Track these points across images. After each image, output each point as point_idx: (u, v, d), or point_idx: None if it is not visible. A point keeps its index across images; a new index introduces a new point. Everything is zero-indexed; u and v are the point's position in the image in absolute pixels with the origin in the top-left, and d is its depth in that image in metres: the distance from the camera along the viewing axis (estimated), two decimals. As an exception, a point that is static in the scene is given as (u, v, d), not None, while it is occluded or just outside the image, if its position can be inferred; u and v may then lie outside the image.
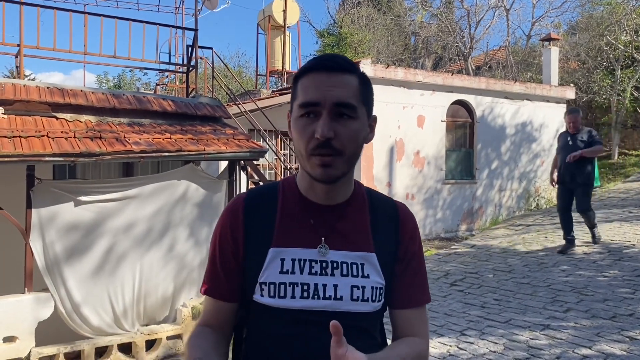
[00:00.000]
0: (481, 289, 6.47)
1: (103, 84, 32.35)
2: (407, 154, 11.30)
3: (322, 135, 1.05)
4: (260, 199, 1.22)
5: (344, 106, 1.08)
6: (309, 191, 1.20)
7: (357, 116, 1.10)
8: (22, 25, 6.79)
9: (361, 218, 1.21)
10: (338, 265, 1.16)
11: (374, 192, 1.30)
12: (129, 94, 7.30)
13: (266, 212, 1.19)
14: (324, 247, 1.16)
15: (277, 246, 1.15)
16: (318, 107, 1.07)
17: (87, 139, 5.80)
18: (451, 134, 12.16)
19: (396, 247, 1.23)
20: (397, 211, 1.27)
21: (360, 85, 1.12)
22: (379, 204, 1.26)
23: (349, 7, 23.27)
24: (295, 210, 1.19)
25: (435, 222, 11.72)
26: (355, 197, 1.23)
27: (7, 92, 6.14)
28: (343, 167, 1.10)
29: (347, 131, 1.08)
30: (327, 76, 1.09)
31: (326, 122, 1.06)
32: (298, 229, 1.17)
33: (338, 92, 1.07)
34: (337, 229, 1.18)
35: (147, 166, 7.32)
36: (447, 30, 22.08)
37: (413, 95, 11.32)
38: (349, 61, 1.14)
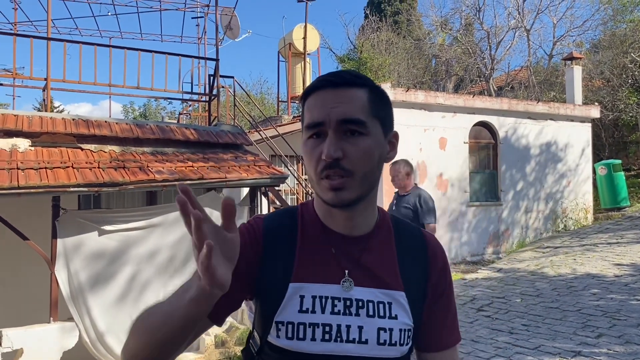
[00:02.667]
0: (509, 314, 6.31)
1: (129, 113, 33.10)
2: (430, 177, 11.21)
3: (327, 156, 0.97)
4: (280, 224, 1.11)
5: (351, 122, 0.99)
6: (328, 219, 1.09)
7: (369, 132, 1.00)
8: (49, 60, 7.00)
9: (388, 251, 1.10)
10: (363, 304, 1.04)
11: (400, 221, 1.19)
12: (152, 124, 7.43)
13: (285, 239, 1.08)
14: (348, 281, 1.05)
15: (298, 281, 1.03)
16: (323, 127, 1.00)
17: (110, 169, 5.89)
18: (474, 155, 12.04)
19: (425, 283, 1.12)
20: (426, 243, 1.16)
21: (371, 99, 1.03)
22: (406, 235, 1.15)
23: (368, 32, 23.44)
24: (316, 239, 1.08)
25: (460, 245, 11.55)
26: (380, 227, 1.12)
27: (35, 125, 6.30)
28: (357, 189, 1.00)
29: (357, 149, 0.99)
30: (332, 93, 1.01)
31: (332, 142, 0.98)
32: (319, 261, 1.06)
33: (343, 108, 0.99)
34: (362, 262, 1.07)
35: (170, 194, 7.39)
36: (467, 52, 22.06)
37: (434, 118, 11.27)
38: (357, 74, 1.05)
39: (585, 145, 13.51)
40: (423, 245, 1.15)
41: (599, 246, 9.54)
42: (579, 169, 13.38)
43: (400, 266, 1.09)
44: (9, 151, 5.92)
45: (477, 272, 9.20)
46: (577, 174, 13.34)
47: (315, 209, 1.12)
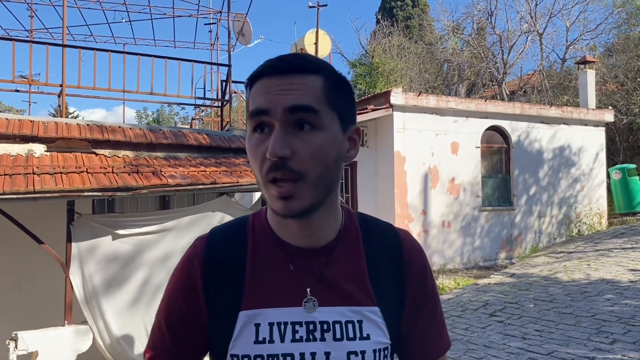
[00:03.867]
0: (522, 320, 6.27)
1: (142, 119, 33.42)
2: (442, 181, 11.18)
3: (272, 154, 0.81)
4: (225, 245, 0.96)
5: (301, 109, 0.82)
6: (282, 230, 0.94)
7: (323, 125, 0.84)
8: (64, 67, 7.10)
9: (355, 261, 0.96)
10: (329, 326, 0.90)
11: (371, 221, 1.03)
12: (165, 129, 7.50)
13: (233, 262, 0.94)
14: (311, 301, 0.91)
15: (250, 308, 0.90)
16: (269, 117, 0.84)
17: (124, 174, 5.95)
18: (486, 160, 12.00)
19: (403, 292, 0.97)
20: (401, 244, 1.00)
21: (327, 87, 0.86)
22: (377, 237, 1.00)
23: (380, 37, 23.48)
24: (270, 255, 0.93)
25: (473, 250, 11.49)
26: (346, 233, 0.97)
27: (50, 131, 6.39)
28: (310, 195, 0.84)
29: (309, 146, 0.83)
30: (279, 79, 0.84)
31: (278, 136, 0.82)
32: (275, 282, 0.92)
33: (292, 95, 0.83)
34: (325, 277, 0.92)
35: (182, 198, 7.45)
36: (479, 57, 22.01)
37: (446, 122, 11.26)
38: (309, 58, 0.89)
39: (599, 149, 13.40)
40: (398, 247, 1.00)
41: (614, 251, 9.45)
42: (592, 173, 13.27)
43: (371, 277, 0.95)
44: (25, 156, 6.01)
45: (489, 277, 9.15)
46: (591, 179, 13.23)
47: (267, 219, 0.97)
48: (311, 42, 15.84)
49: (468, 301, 7.39)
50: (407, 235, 1.04)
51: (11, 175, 5.42)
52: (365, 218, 1.03)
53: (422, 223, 10.87)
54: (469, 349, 5.42)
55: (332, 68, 0.91)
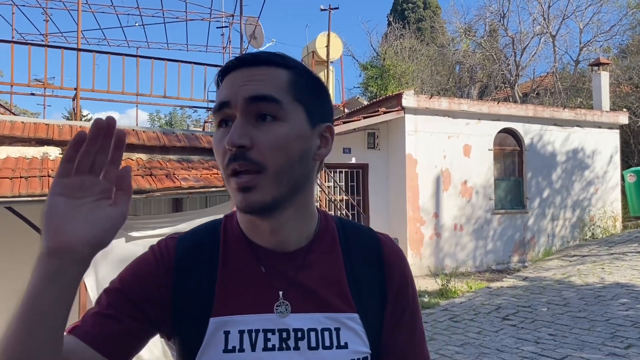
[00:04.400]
0: (535, 324, 6.23)
1: (155, 121, 33.63)
2: (454, 184, 11.14)
3: (229, 143, 0.78)
4: (196, 244, 0.90)
5: (262, 99, 0.79)
6: (253, 232, 0.89)
7: (285, 117, 0.81)
8: (79, 70, 7.19)
9: (332, 265, 0.90)
10: (304, 334, 0.84)
11: (348, 224, 0.98)
12: (178, 132, 7.55)
13: (204, 263, 0.88)
14: (284, 305, 0.85)
15: (220, 314, 0.84)
16: (230, 110, 0.81)
17: (138, 177, 6.01)
18: (499, 162, 11.94)
19: (383, 298, 0.92)
20: (381, 248, 0.95)
21: (293, 80, 0.84)
22: (356, 241, 0.95)
23: (391, 40, 23.45)
24: (241, 258, 0.88)
25: (485, 253, 11.43)
26: (322, 236, 0.92)
27: (65, 134, 6.47)
28: (271, 188, 0.80)
29: (269, 137, 0.79)
30: (244, 72, 0.83)
31: (237, 126, 0.79)
32: (246, 286, 0.86)
33: (253, 85, 0.80)
34: (299, 281, 0.87)
35: (195, 201, 7.49)
36: (492, 59, 21.90)
37: (458, 125, 11.22)
38: (280, 54, 0.86)
39: (614, 152, 13.27)
40: (378, 251, 0.95)
41: (628, 255, 9.35)
42: (607, 176, 13.14)
43: (349, 281, 0.89)
44: (41, 159, 6.08)
45: (502, 280, 9.09)
46: (605, 182, 13.11)
47: (238, 221, 0.92)
48: (323, 44, 15.86)
49: (481, 305, 7.35)
50: (387, 240, 0.98)
51: (27, 177, 5.50)
52: (343, 222, 0.98)
53: (434, 226, 10.83)
54: (481, 352, 5.40)
55: (303, 65, 0.89)
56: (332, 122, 0.92)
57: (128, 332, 0.83)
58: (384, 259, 0.94)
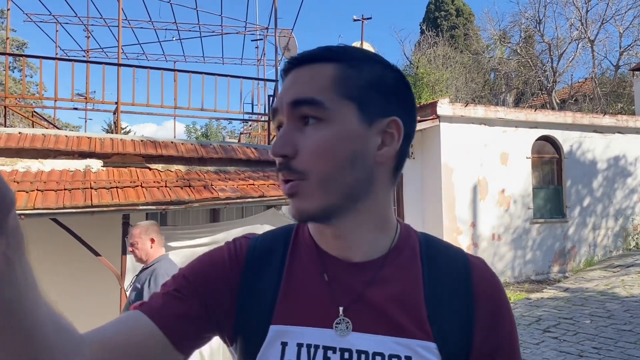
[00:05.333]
0: (577, 336, 6.06)
1: (191, 133, 34.26)
2: (492, 193, 10.97)
3: (273, 153, 0.75)
4: (268, 247, 0.86)
5: (302, 103, 0.74)
6: (321, 239, 0.83)
7: (330, 117, 0.74)
8: (119, 85, 7.39)
9: (409, 282, 0.79)
10: (368, 357, 0.75)
11: (434, 241, 0.87)
12: (215, 144, 7.68)
13: (272, 267, 0.83)
14: (344, 323, 0.76)
15: (280, 322, 0.78)
16: (280, 116, 0.78)
17: (177, 188, 6.12)
18: (537, 170, 11.70)
19: (469, 331, 0.78)
20: (470, 272, 0.82)
21: (341, 75, 0.75)
22: (441, 260, 0.83)
23: (424, 48, 23.34)
24: (308, 265, 0.82)
25: (524, 263, 11.19)
26: (399, 250, 0.82)
27: (106, 147, 6.65)
28: (319, 197, 0.73)
29: (311, 142, 0.73)
30: (292, 75, 0.78)
31: (281, 134, 0.75)
32: (306, 296, 0.79)
33: (295, 89, 0.75)
34: (367, 298, 0.77)
35: (232, 211, 7.58)
36: (528, 65, 21.57)
37: (495, 133, 11.06)
38: (331, 47, 0.79)
39: (658, 158, 12.86)
40: (466, 275, 0.81)
41: (676, 265, 9.02)
42: (650, 183, 12.74)
43: (428, 305, 0.77)
44: (83, 171, 6.27)
45: (542, 291, 8.88)
46: (649, 189, 12.70)
47: (309, 227, 0.86)
48: (356, 54, 15.88)
49: (520, 316, 7.19)
50: (479, 264, 0.85)
51: (70, 190, 5.67)
52: (428, 238, 0.87)
53: (471, 236, 10.67)
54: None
55: (363, 53, 0.80)
56: (405, 116, 0.79)
57: (190, 317, 0.79)
58: (473, 285, 0.80)
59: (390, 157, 0.78)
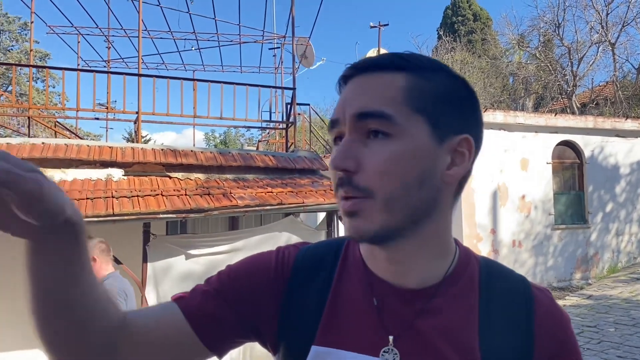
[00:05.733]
0: (602, 345, 5.95)
1: (210, 141, 34.59)
2: (512, 199, 10.86)
3: (332, 166, 0.69)
4: (317, 261, 0.81)
5: (369, 116, 0.68)
6: (372, 260, 0.78)
7: (400, 132, 0.68)
8: (140, 95, 7.49)
9: (464, 314, 0.74)
10: None
11: (496, 268, 0.80)
12: (234, 152, 7.73)
13: (318, 284, 0.78)
14: (392, 354, 0.71)
15: (322, 344, 0.74)
16: (341, 128, 0.72)
17: (197, 196, 6.17)
18: (558, 176, 11.56)
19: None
20: (532, 306, 0.75)
21: (412, 86, 0.69)
22: (500, 290, 0.76)
23: (442, 53, 23.28)
24: (356, 286, 0.77)
25: (546, 270, 11.04)
26: (456, 277, 0.76)
27: (127, 156, 6.74)
28: (381, 217, 0.68)
29: (378, 158, 0.67)
30: (356, 82, 0.72)
31: (342, 147, 0.69)
32: (353, 319, 0.75)
33: (360, 100, 0.69)
34: (418, 328, 0.72)
35: (250, 219, 7.62)
36: (547, 69, 21.35)
37: (514, 138, 10.96)
38: (401, 54, 0.72)
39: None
40: (528, 308, 0.75)
41: (703, 272, 8.82)
42: (676, 188, 12.49)
43: (482, 340, 0.72)
44: (105, 180, 6.36)
45: (564, 298, 8.75)
46: (674, 194, 12.46)
47: (360, 246, 0.81)
48: (373, 61, 15.90)
49: (543, 324, 7.10)
50: (544, 298, 0.77)
51: (92, 199, 5.75)
52: (489, 264, 0.80)
53: (491, 242, 10.57)
54: (546, 374, 5.20)
55: (434, 64, 0.74)
56: (476, 133, 0.74)
57: (226, 322, 0.77)
58: (534, 322, 0.74)
59: (459, 178, 0.73)
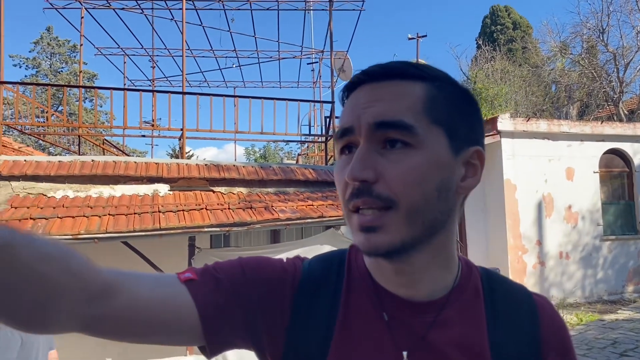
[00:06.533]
0: (659, 361, 5.71)
1: (251, 155, 35.08)
2: (558, 209, 10.58)
3: (351, 176, 0.65)
4: (322, 275, 0.78)
5: (389, 126, 0.66)
6: (378, 273, 0.75)
7: (420, 143, 0.66)
8: (184, 112, 7.70)
9: (472, 324, 0.74)
10: None
11: (495, 277, 0.81)
12: (275, 166, 7.84)
13: (326, 300, 0.75)
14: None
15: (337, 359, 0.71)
16: (354, 136, 0.68)
17: (239, 210, 6.28)
18: (606, 185, 11.20)
19: None
20: (537, 313, 0.77)
21: (431, 96, 0.68)
22: (504, 300, 0.77)
23: (481, 63, 22.98)
24: (364, 301, 0.74)
25: (595, 283, 10.67)
26: (462, 289, 0.76)
27: (172, 171, 6.92)
28: (402, 230, 0.66)
29: (400, 168, 0.65)
30: (369, 89, 0.69)
31: (360, 156, 0.66)
32: (365, 336, 0.72)
33: (379, 107, 0.67)
34: (430, 341, 0.71)
35: (291, 232, 7.68)
36: (591, 76, 20.80)
37: (559, 147, 10.71)
38: (413, 64, 0.72)
39: None
40: (532, 316, 0.76)
41: None
42: None
43: (492, 350, 0.72)
44: (151, 196, 6.54)
45: (616, 312, 8.44)
46: None
47: (363, 257, 0.78)
48: (412, 73, 15.82)
49: (594, 339, 6.85)
50: (545, 304, 0.80)
51: (140, 213, 5.93)
52: (489, 273, 0.80)
53: (537, 254, 10.31)
54: (598, 391, 5.02)
55: (445, 75, 0.73)
56: (483, 145, 0.74)
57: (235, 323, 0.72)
58: (540, 327, 0.76)
59: (470, 189, 0.72)
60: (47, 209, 5.90)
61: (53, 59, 32.40)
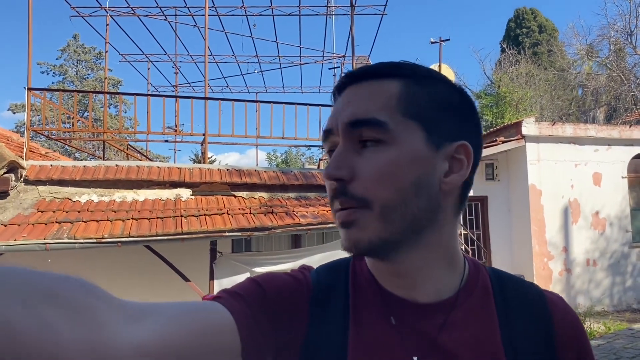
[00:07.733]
0: (691, 372, 5.52)
1: (272, 160, 35.22)
2: (585, 215, 10.35)
3: (326, 175, 0.66)
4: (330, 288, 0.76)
5: (363, 124, 0.66)
6: (379, 274, 0.75)
7: (394, 139, 0.66)
8: (206, 117, 7.76)
9: (484, 324, 0.72)
10: None
11: (504, 276, 0.79)
12: (296, 171, 7.84)
13: (336, 310, 0.73)
14: None
15: None
16: (335, 137, 0.69)
17: (261, 214, 6.29)
18: (635, 191, 10.93)
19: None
20: (550, 311, 0.75)
21: (406, 92, 0.68)
22: (516, 299, 0.75)
23: (506, 66, 22.74)
24: (370, 306, 0.73)
25: (624, 290, 10.41)
26: (470, 289, 0.74)
27: (194, 176, 6.97)
28: (378, 227, 0.65)
29: (373, 165, 0.65)
30: (349, 91, 0.70)
31: (336, 156, 0.67)
32: (375, 343, 0.70)
33: (353, 108, 0.67)
34: (442, 344, 0.69)
35: (312, 237, 7.67)
36: (619, 80, 20.40)
37: (586, 152, 10.49)
38: (395, 63, 0.71)
39: None
40: (545, 314, 0.74)
41: None
42: None
43: (507, 351, 0.70)
44: (174, 200, 6.59)
45: (647, 321, 8.21)
46: None
47: (367, 261, 0.78)
48: (434, 77, 15.73)
49: (622, 348, 6.67)
50: (558, 301, 0.77)
51: (162, 218, 5.97)
52: (498, 273, 0.79)
53: (563, 261, 10.10)
54: (628, 402, 4.87)
55: (427, 71, 0.72)
56: (475, 141, 0.71)
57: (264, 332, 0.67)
58: (554, 326, 0.74)
59: (458, 186, 0.70)
60: (72, 212, 5.99)
61: (79, 66, 33.04)
